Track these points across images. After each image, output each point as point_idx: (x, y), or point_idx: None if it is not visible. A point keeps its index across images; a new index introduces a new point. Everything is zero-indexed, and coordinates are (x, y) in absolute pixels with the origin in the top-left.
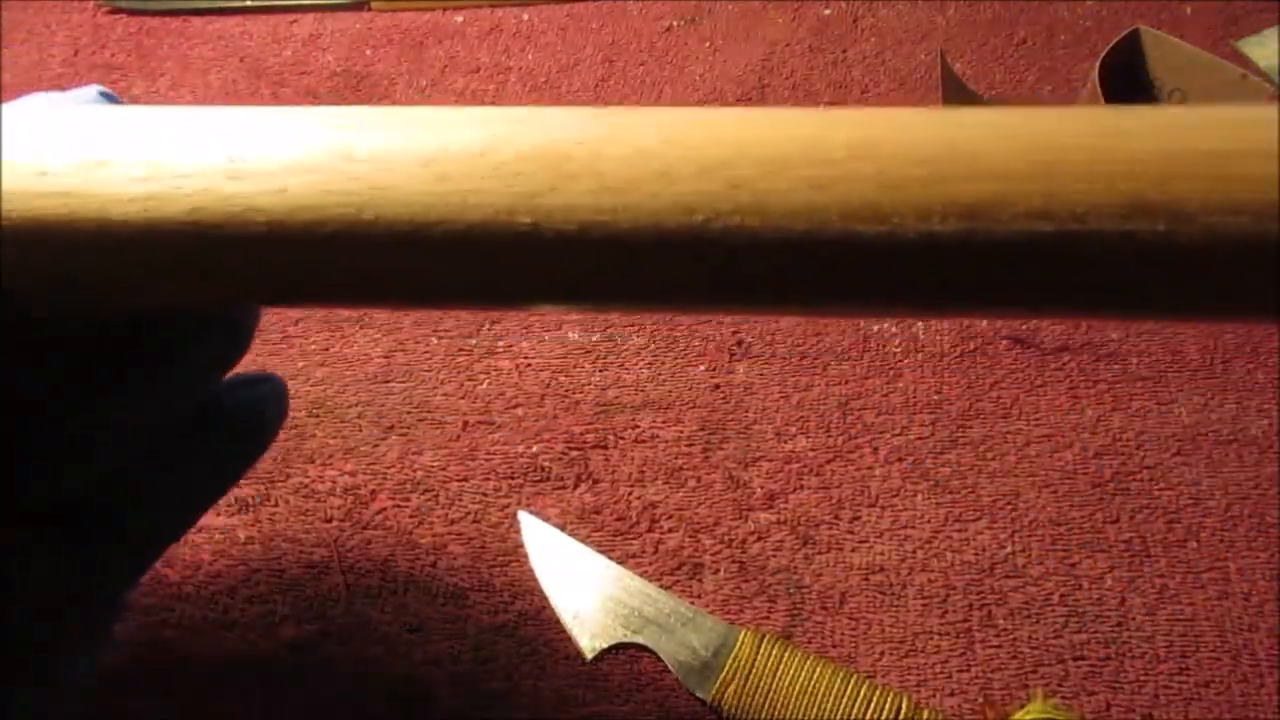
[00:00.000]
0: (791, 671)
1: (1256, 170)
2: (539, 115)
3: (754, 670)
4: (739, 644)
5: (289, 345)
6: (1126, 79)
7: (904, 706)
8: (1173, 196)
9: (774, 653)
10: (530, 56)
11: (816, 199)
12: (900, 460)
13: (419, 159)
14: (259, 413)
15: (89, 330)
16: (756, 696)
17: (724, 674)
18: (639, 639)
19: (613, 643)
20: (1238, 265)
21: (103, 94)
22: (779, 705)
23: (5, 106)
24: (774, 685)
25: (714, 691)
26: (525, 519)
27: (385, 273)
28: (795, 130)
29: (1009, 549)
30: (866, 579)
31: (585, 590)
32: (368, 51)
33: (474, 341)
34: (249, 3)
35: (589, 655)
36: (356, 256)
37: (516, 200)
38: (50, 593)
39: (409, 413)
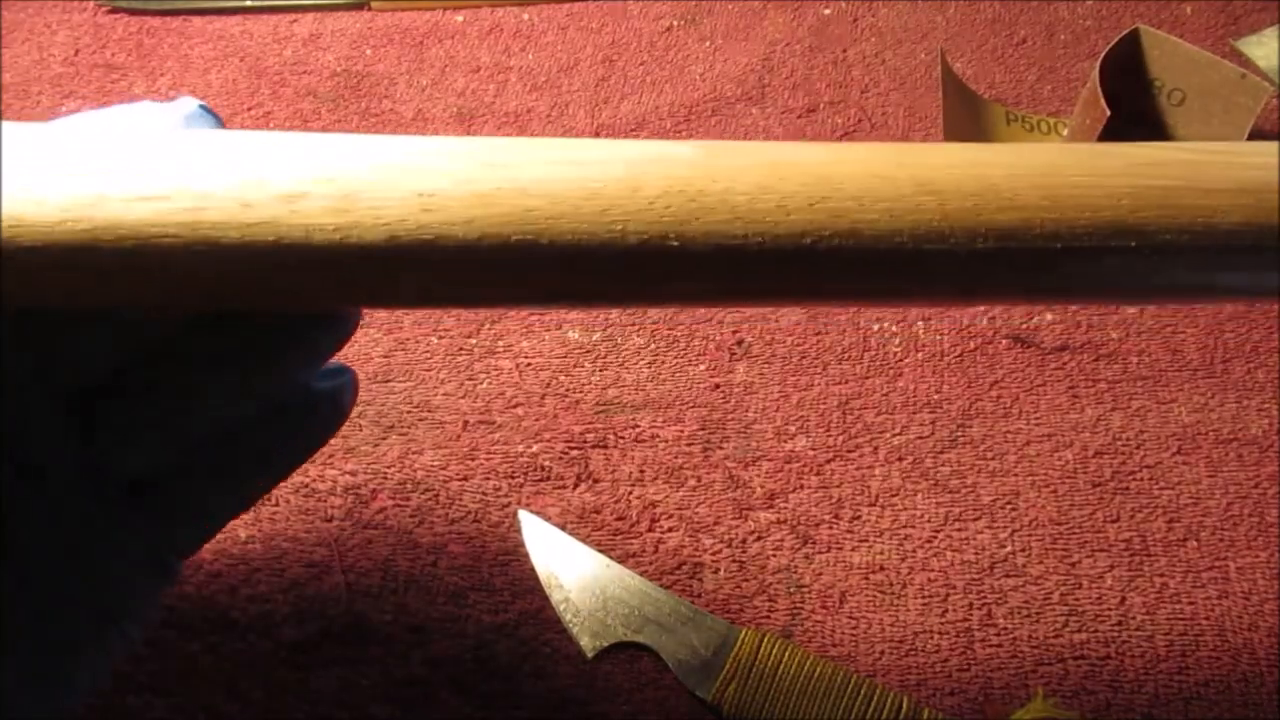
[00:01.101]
0: (792, 671)
1: (1193, 201)
2: (671, 154)
3: (754, 669)
4: (739, 643)
5: None
6: (1126, 79)
7: (904, 706)
8: (1140, 221)
9: (774, 652)
10: (530, 56)
11: (895, 225)
12: (900, 460)
13: (583, 194)
14: (339, 401)
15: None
16: (757, 696)
17: (724, 673)
18: (639, 638)
19: (613, 642)
20: (1185, 268)
21: (202, 108)
22: (779, 704)
23: (113, 111)
24: (774, 684)
25: (714, 691)
26: (525, 518)
27: (556, 284)
28: (872, 168)
29: (1009, 548)
30: (866, 578)
31: (585, 590)
32: (368, 51)
33: (474, 341)
34: (249, 3)
35: (589, 654)
36: (533, 273)
37: (667, 228)
38: (120, 560)
39: (409, 413)
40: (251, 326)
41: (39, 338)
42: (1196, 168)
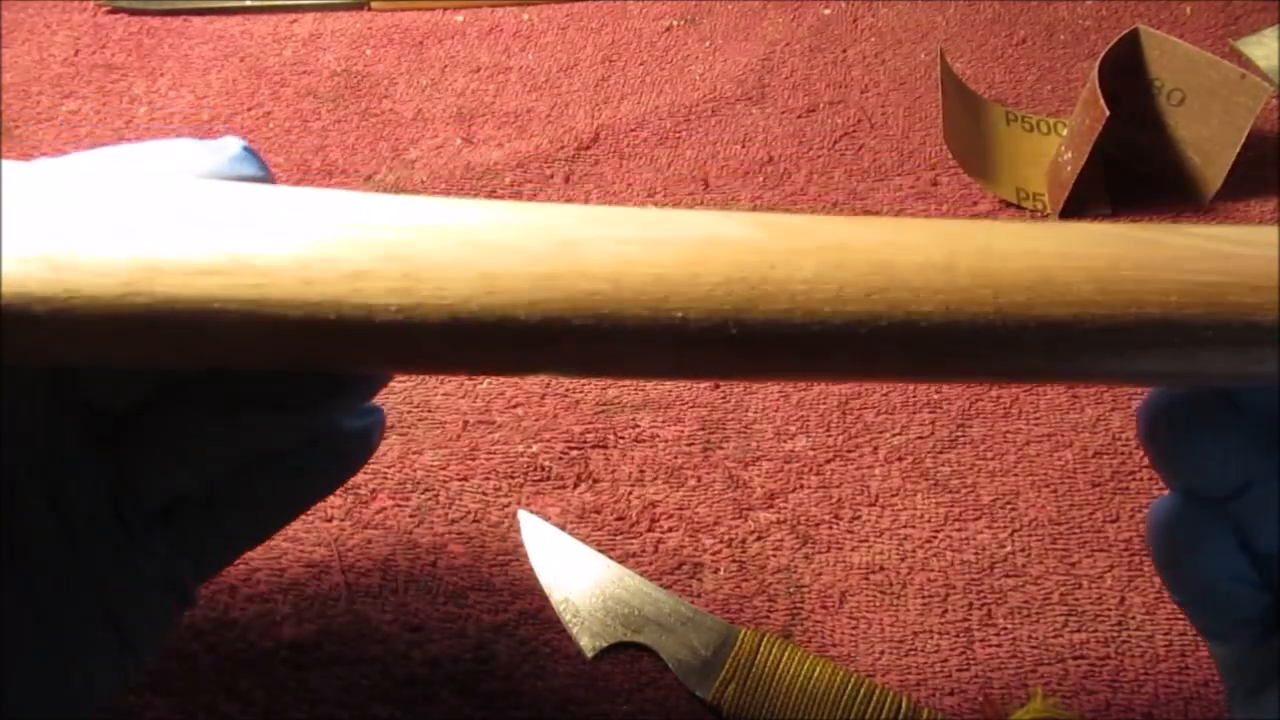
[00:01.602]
0: (791, 671)
1: (1238, 299)
2: (734, 235)
3: (754, 669)
4: (739, 643)
5: None
6: (1126, 79)
7: (904, 706)
8: (1187, 318)
9: (774, 652)
10: (530, 56)
11: (950, 317)
12: (900, 460)
13: (646, 279)
14: (368, 439)
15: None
16: (756, 696)
17: (724, 673)
18: (639, 638)
19: (613, 642)
20: (1225, 361)
21: (245, 149)
22: (779, 704)
23: (153, 144)
24: (774, 684)
25: (714, 691)
26: (525, 518)
27: (615, 359)
28: (931, 256)
29: (1009, 548)
30: (866, 578)
31: (585, 590)
32: (368, 51)
33: None
34: (249, 3)
35: (589, 654)
36: (594, 349)
37: (728, 315)
38: (138, 583)
39: (409, 412)
40: (295, 380)
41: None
42: (1242, 262)
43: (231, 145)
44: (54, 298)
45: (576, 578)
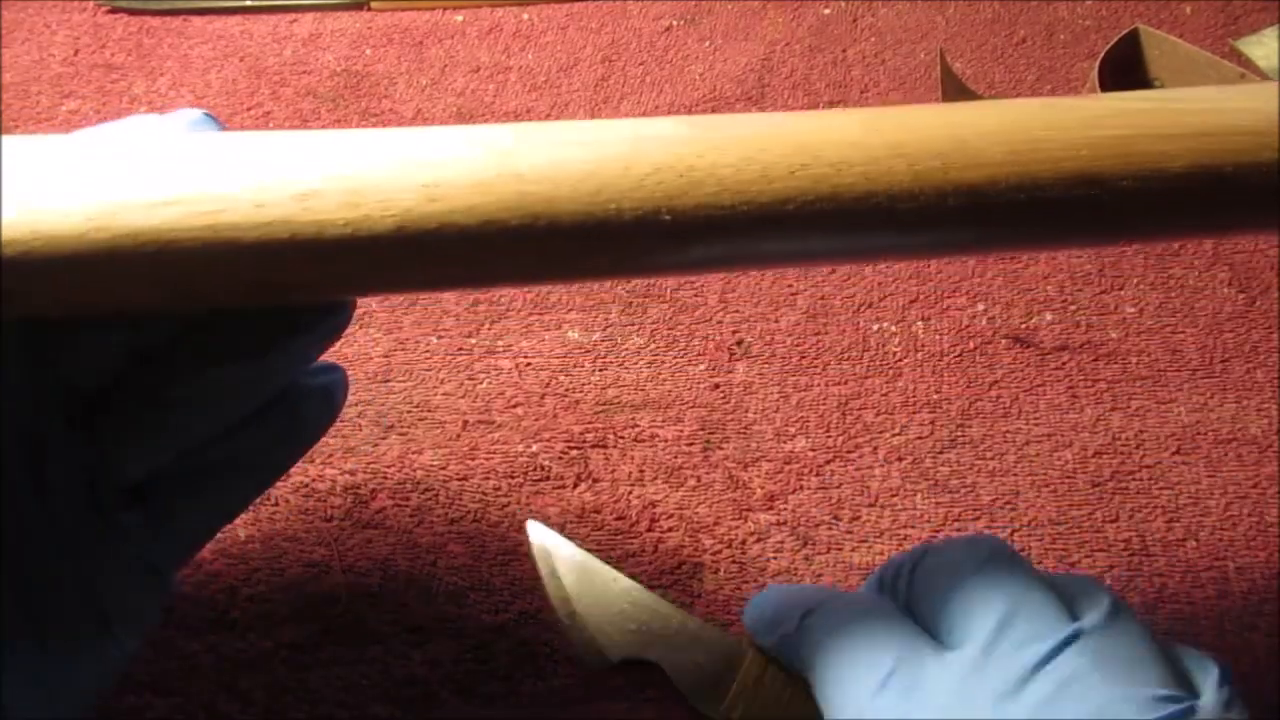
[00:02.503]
0: (803, 691)
1: (1147, 148)
2: (661, 131)
3: (761, 689)
4: (747, 661)
5: None
6: (1126, 79)
7: None
8: (1097, 170)
9: (781, 671)
10: (530, 56)
11: (871, 187)
12: (900, 460)
13: (578, 175)
14: (331, 397)
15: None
16: (765, 716)
17: (732, 693)
18: (647, 655)
19: (621, 658)
20: (1136, 209)
21: (206, 115)
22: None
23: (112, 126)
24: (784, 702)
25: (722, 710)
26: (534, 528)
27: (554, 262)
28: (848, 135)
29: None
30: (866, 579)
31: (594, 606)
32: (368, 51)
33: (474, 341)
34: (249, 3)
35: (597, 669)
36: (531, 252)
37: (659, 203)
38: (117, 567)
39: (409, 412)
40: (251, 321)
41: (43, 344)
42: (1151, 115)
43: (191, 113)
44: (19, 240)
45: (586, 593)
